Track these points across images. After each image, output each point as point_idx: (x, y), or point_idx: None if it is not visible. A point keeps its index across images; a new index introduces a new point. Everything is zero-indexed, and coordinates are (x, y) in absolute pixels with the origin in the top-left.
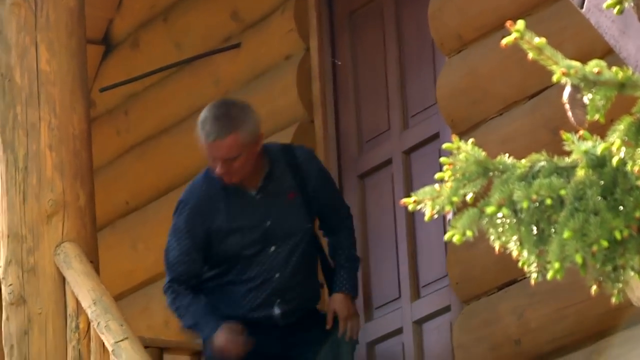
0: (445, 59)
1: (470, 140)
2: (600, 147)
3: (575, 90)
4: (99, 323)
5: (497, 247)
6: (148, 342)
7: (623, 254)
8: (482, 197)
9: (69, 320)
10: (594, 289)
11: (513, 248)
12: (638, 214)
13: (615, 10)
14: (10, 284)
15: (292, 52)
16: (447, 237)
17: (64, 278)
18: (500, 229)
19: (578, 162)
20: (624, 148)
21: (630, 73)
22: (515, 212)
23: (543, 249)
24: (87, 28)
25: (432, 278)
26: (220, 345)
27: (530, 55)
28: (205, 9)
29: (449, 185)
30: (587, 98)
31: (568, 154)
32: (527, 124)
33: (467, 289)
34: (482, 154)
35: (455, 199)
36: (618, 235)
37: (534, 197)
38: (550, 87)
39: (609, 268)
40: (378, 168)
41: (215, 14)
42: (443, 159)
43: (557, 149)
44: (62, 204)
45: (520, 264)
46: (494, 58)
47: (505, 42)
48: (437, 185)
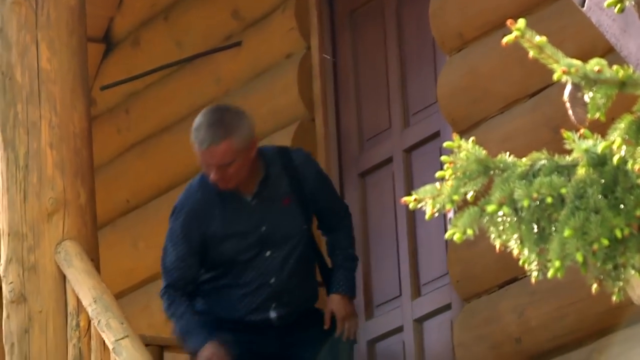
0: (446, 58)
1: (471, 139)
2: (601, 145)
3: (576, 89)
4: (100, 321)
5: (497, 245)
6: (148, 340)
7: (623, 253)
8: (482, 195)
9: (70, 319)
10: (595, 288)
11: (514, 246)
12: (638, 213)
13: (616, 9)
14: (11, 282)
15: (292, 50)
16: (447, 235)
17: (65, 276)
18: (501, 228)
19: (579, 160)
20: (625, 146)
21: (631, 71)
22: (516, 210)
23: (544, 248)
24: (87, 26)
25: (432, 276)
26: (206, 359)
27: (531, 54)
28: (206, 8)
29: (450, 184)
30: (587, 96)
31: (569, 153)
32: (527, 123)
33: (467, 287)
34: (482, 153)
35: (456, 198)
36: (619, 234)
37: (535, 195)
38: (551, 85)
39: (610, 266)
40: (379, 166)
41: (216, 13)
42: (444, 158)
43: (557, 148)
44: (62, 202)
45: (521, 263)
46: (495, 57)
47: (506, 40)
48: (437, 184)
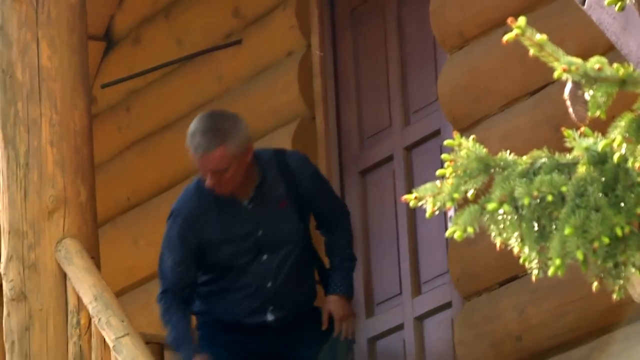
0: (447, 56)
1: (472, 137)
2: (602, 143)
3: (577, 87)
4: (100, 319)
5: (498, 243)
6: (149, 338)
7: (624, 251)
8: (483, 193)
9: (70, 317)
10: (595, 286)
11: (514, 244)
12: (639, 211)
13: (617, 7)
14: (11, 280)
15: (293, 48)
16: (448, 233)
17: (65, 274)
18: (502, 226)
19: (579, 158)
20: (625, 144)
21: (632, 69)
22: (517, 208)
23: (544, 246)
24: (88, 24)
25: (433, 274)
26: None
27: (532, 52)
28: (207, 6)
29: (450, 182)
30: (588, 94)
31: (569, 151)
32: (528, 121)
33: (468, 285)
34: (483, 151)
35: (457, 196)
36: (619, 232)
37: (535, 193)
38: (552, 83)
39: (610, 264)
40: (379, 164)
41: (217, 11)
42: (444, 156)
43: (558, 146)
44: (63, 200)
45: (521, 261)
46: (496, 55)
47: (507, 38)
48: (438, 182)
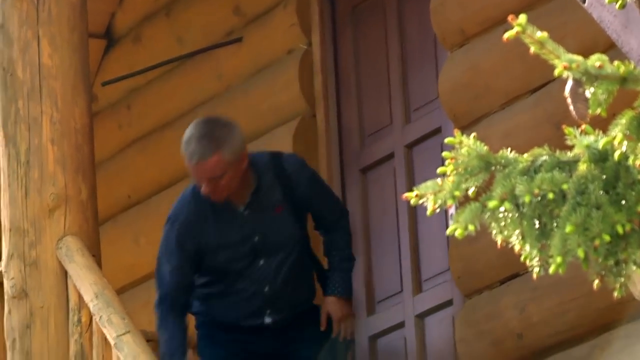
0: (448, 54)
1: (473, 135)
2: (602, 141)
3: (577, 85)
4: (101, 317)
5: (499, 241)
6: (150, 335)
7: (625, 248)
8: (484, 191)
9: (71, 314)
10: (596, 283)
11: (515, 242)
12: None
13: (618, 5)
14: (12, 278)
15: (294, 46)
16: (449, 231)
17: (66, 272)
18: (503, 223)
19: (580, 156)
20: (626, 142)
21: (632, 67)
22: (518, 206)
23: (545, 243)
24: (89, 22)
25: (434, 272)
26: None
27: (532, 50)
28: (207, 4)
29: (451, 180)
30: (589, 92)
31: (570, 148)
32: (529, 119)
33: (469, 283)
34: (484, 148)
35: (457, 193)
36: (620, 230)
37: (536, 191)
38: (553, 81)
39: (611, 262)
40: (380, 162)
41: (217, 9)
42: (445, 153)
43: (559, 143)
44: (64, 198)
45: (523, 258)
46: (496, 52)
47: (507, 36)
48: (439, 180)
